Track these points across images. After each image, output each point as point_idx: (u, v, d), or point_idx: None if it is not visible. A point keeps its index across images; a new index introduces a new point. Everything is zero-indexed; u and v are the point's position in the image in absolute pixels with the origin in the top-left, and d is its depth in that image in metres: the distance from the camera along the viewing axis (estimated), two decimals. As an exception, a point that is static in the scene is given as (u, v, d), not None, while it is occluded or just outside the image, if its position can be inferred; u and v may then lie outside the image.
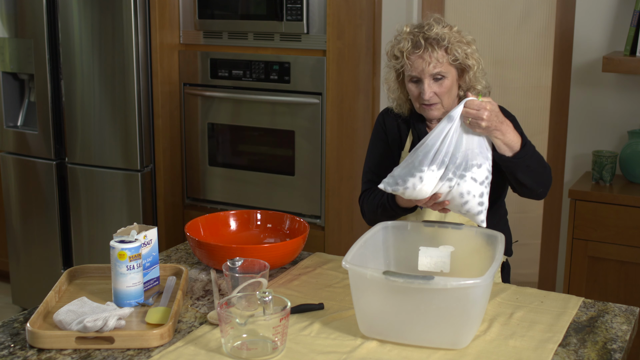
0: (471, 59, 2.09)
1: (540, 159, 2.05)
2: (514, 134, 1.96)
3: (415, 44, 2.06)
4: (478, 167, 1.87)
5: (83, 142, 3.63)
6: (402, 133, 2.24)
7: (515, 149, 1.96)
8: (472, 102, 1.87)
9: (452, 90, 2.11)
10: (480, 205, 1.87)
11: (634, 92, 3.25)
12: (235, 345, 1.64)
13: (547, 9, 3.54)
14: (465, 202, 1.87)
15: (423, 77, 2.06)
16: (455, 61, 2.07)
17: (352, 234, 3.55)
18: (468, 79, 2.12)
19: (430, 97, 2.07)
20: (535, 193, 2.09)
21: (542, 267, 3.59)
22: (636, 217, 2.92)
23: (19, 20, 3.64)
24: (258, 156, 3.56)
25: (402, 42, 2.09)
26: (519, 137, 1.97)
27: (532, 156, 2.00)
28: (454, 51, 2.06)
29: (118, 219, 3.62)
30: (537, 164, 2.02)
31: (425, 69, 2.05)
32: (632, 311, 1.88)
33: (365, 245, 1.86)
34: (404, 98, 2.21)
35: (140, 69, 3.46)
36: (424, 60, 2.05)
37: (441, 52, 2.05)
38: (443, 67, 2.06)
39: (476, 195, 1.86)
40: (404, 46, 2.07)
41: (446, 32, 2.06)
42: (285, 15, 3.30)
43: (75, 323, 1.66)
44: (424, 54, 2.04)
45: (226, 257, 1.92)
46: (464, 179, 1.85)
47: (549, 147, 3.48)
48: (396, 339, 1.69)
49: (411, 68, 2.07)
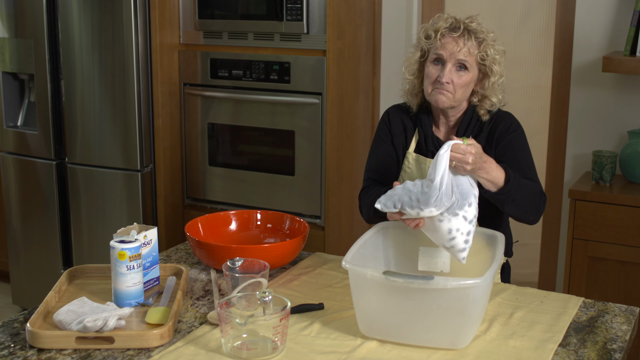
0: (497, 66, 2.10)
1: (528, 191, 2.02)
2: (498, 171, 1.94)
3: (453, 27, 2.07)
4: (469, 206, 1.83)
5: (83, 142, 3.63)
6: (408, 132, 2.23)
7: (499, 184, 1.95)
8: (458, 146, 1.83)
9: (468, 87, 2.10)
10: (465, 243, 1.83)
11: (634, 92, 3.25)
12: (235, 345, 1.64)
13: (547, 9, 3.54)
14: (453, 238, 1.82)
15: (449, 60, 2.06)
16: (482, 60, 2.08)
17: (352, 234, 3.55)
18: (487, 85, 2.11)
19: (447, 82, 2.06)
20: (525, 220, 2.09)
21: (542, 267, 3.59)
22: (636, 217, 2.92)
23: (19, 20, 3.64)
24: (258, 156, 3.56)
25: (440, 22, 2.09)
26: (502, 173, 1.95)
27: (517, 190, 1.97)
28: (486, 49, 2.07)
29: (118, 219, 3.62)
30: (523, 196, 2.00)
31: (454, 52, 2.05)
32: (632, 311, 1.88)
33: (365, 245, 1.86)
34: (418, 86, 2.20)
35: (140, 69, 3.46)
36: (457, 44, 2.05)
37: (475, 44, 2.07)
38: (470, 59, 2.06)
39: (464, 233, 1.82)
40: (441, 25, 2.08)
41: (485, 31, 2.09)
42: (285, 15, 3.30)
43: (75, 323, 1.66)
44: (459, 38, 2.06)
45: (226, 257, 1.92)
46: (456, 217, 1.81)
47: (549, 147, 3.48)
48: (396, 339, 1.69)
49: (440, 47, 2.07)
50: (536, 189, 2.06)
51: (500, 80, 2.12)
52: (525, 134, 2.17)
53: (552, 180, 3.49)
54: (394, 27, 3.62)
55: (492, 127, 2.15)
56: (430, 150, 2.17)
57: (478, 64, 2.09)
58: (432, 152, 2.17)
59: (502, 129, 2.14)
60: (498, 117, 2.17)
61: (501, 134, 2.14)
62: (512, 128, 2.15)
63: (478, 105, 2.15)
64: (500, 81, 2.12)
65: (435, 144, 2.16)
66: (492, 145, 2.13)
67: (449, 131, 2.19)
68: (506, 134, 2.13)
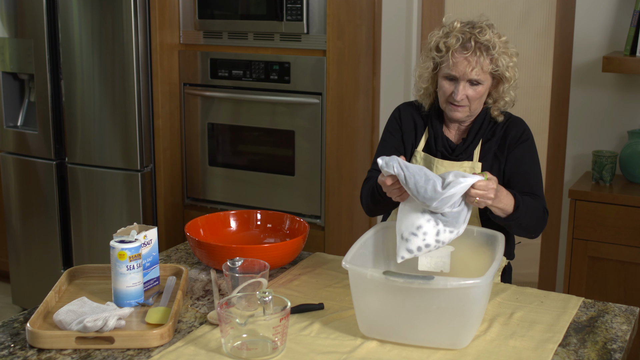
0: (510, 72, 2.08)
1: (534, 214, 2.04)
2: (508, 199, 1.95)
3: (464, 44, 2.03)
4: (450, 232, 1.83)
5: (83, 142, 3.63)
6: (418, 130, 2.23)
7: (508, 212, 1.97)
8: (480, 184, 1.80)
9: (483, 97, 2.11)
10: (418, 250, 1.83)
11: (634, 92, 3.25)
12: (235, 345, 1.64)
13: (547, 9, 3.54)
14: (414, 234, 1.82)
15: (461, 79, 2.05)
16: (495, 71, 2.06)
17: (352, 234, 3.55)
18: (502, 90, 2.11)
19: (461, 100, 2.06)
20: (527, 236, 2.13)
21: (542, 267, 3.59)
22: (636, 217, 2.92)
23: (19, 20, 3.64)
24: (258, 156, 3.56)
25: (451, 38, 2.05)
26: (512, 200, 1.96)
27: (524, 215, 1.99)
28: (499, 61, 2.05)
29: (118, 219, 3.62)
30: (529, 220, 2.02)
31: (466, 71, 2.03)
32: (632, 311, 1.88)
33: (365, 245, 1.86)
34: (431, 90, 2.19)
35: (140, 69, 3.46)
36: (469, 63, 2.03)
37: (487, 60, 2.04)
38: (483, 75, 2.05)
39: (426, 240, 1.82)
40: (452, 43, 2.04)
41: (496, 41, 2.04)
42: (285, 15, 3.30)
43: (75, 323, 1.66)
44: (470, 57, 2.02)
45: (226, 257, 1.92)
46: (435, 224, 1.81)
47: (549, 147, 3.48)
48: (396, 339, 1.69)
49: (452, 66, 2.05)
50: (540, 207, 2.08)
51: (514, 82, 2.12)
52: (535, 143, 2.18)
53: (552, 180, 3.49)
54: (394, 27, 3.62)
55: (504, 133, 2.16)
56: (440, 150, 2.17)
57: (491, 74, 2.08)
58: (441, 152, 2.17)
59: (514, 137, 2.15)
60: (510, 123, 2.17)
61: (512, 142, 2.14)
62: (524, 137, 2.15)
63: (492, 106, 2.15)
64: (514, 83, 2.12)
65: (445, 145, 2.16)
66: (504, 152, 2.14)
67: (460, 133, 2.19)
68: (518, 142, 2.14)
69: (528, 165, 2.13)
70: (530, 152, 2.15)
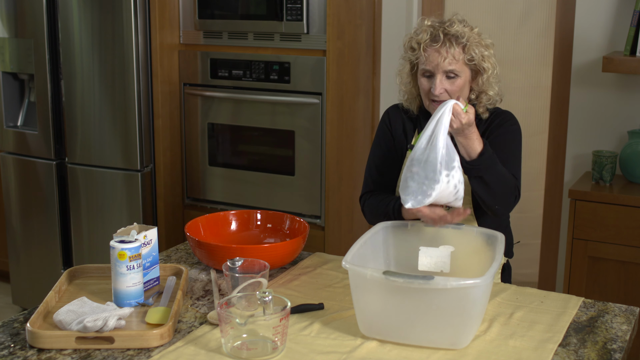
0: (487, 62, 2.09)
1: (501, 177, 2.03)
2: (477, 143, 1.96)
3: (434, 37, 2.06)
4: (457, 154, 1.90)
5: (83, 142, 3.63)
6: (408, 132, 2.24)
7: (472, 156, 1.97)
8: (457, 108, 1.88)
9: (464, 90, 2.11)
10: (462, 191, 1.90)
11: (634, 92, 3.25)
12: (235, 345, 1.64)
13: (547, 9, 3.54)
14: (457, 191, 1.88)
15: (436, 71, 2.06)
16: (470, 61, 2.07)
17: (352, 234, 3.55)
18: (481, 82, 2.11)
19: (440, 93, 2.07)
20: (491, 209, 2.09)
21: (542, 267, 3.59)
22: (636, 217, 2.92)
23: (19, 20, 3.64)
24: (258, 156, 3.56)
25: (421, 34, 2.08)
26: (480, 146, 1.97)
27: (488, 168, 1.98)
28: (471, 51, 2.06)
29: (118, 219, 3.62)
30: (493, 179, 2.01)
31: (440, 63, 2.05)
32: (632, 311, 1.88)
33: (365, 245, 1.86)
34: (415, 93, 2.20)
35: (140, 69, 3.46)
36: (440, 54, 2.04)
37: (458, 50, 2.05)
38: (457, 66, 2.06)
39: (462, 181, 1.89)
40: (422, 38, 2.07)
41: (466, 31, 2.06)
42: (285, 15, 3.30)
43: (75, 323, 1.66)
44: (440, 48, 2.04)
45: (226, 257, 1.92)
46: (454, 170, 1.86)
47: (549, 147, 3.48)
48: (396, 339, 1.69)
49: (426, 61, 2.07)
50: (512, 182, 2.07)
51: (494, 73, 2.12)
52: (521, 134, 2.17)
53: (552, 180, 3.49)
54: (394, 27, 3.61)
55: (489, 123, 2.17)
56: None
57: (467, 65, 2.09)
58: None
59: (498, 123, 2.16)
60: (497, 114, 2.18)
61: (496, 126, 2.15)
62: (509, 123, 2.16)
63: (476, 103, 2.15)
64: (494, 73, 2.12)
65: None
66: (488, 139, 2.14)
67: None
68: (500, 126, 2.15)
69: (508, 146, 2.13)
70: (512, 137, 2.15)
